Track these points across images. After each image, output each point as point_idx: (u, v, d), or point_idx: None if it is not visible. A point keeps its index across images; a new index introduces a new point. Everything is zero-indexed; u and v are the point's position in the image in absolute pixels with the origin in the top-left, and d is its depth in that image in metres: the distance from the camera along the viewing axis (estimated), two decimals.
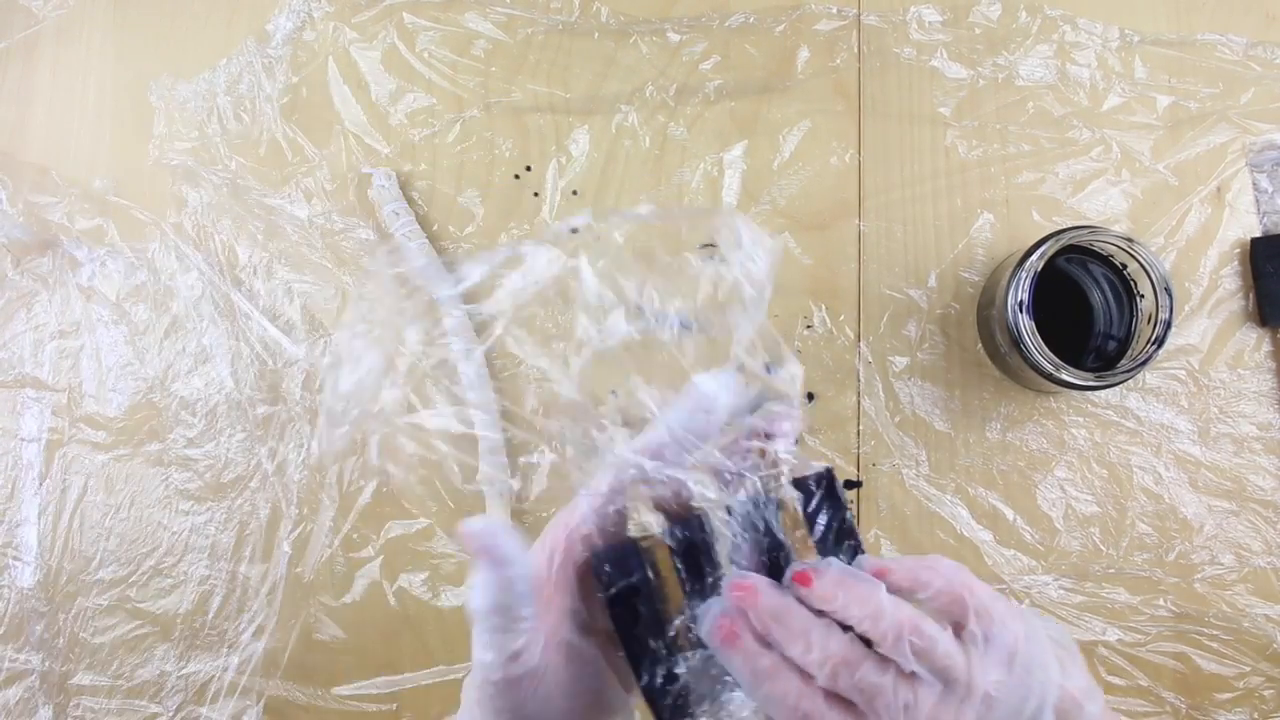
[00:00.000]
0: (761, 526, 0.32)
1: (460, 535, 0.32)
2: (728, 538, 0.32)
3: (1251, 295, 0.57)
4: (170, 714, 0.60)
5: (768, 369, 0.36)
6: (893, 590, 0.31)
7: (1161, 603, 0.55)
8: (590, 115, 0.62)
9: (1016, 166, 0.59)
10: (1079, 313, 0.55)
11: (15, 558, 0.62)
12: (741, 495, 0.32)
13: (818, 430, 0.58)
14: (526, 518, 0.58)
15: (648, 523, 0.33)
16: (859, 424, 0.58)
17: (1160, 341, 0.49)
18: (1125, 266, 0.52)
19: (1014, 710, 0.31)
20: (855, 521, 0.34)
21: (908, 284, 0.58)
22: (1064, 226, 0.50)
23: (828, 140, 0.60)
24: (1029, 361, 0.50)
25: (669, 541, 0.32)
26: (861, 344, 0.58)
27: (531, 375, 0.59)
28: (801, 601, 0.31)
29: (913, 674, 0.30)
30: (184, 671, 0.60)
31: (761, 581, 0.32)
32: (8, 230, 0.64)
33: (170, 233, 0.63)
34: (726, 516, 0.32)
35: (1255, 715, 0.54)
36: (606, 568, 0.32)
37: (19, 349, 0.64)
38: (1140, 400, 0.57)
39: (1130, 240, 0.49)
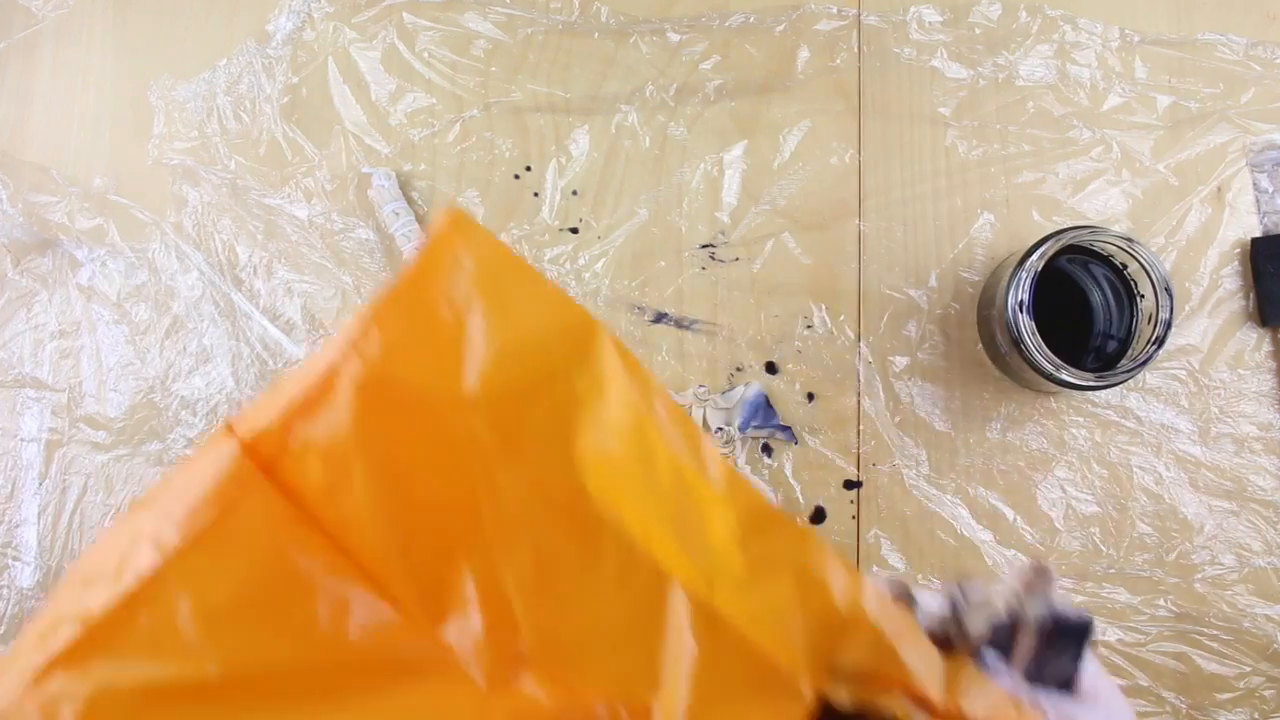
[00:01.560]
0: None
1: None
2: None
3: (1252, 295, 0.57)
4: None
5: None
6: None
7: (1162, 603, 0.55)
8: (590, 115, 0.62)
9: (1017, 166, 0.59)
10: (1079, 313, 0.55)
11: (15, 558, 0.62)
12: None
13: (818, 430, 0.58)
14: None
15: None
16: (859, 424, 0.58)
17: (1160, 341, 0.49)
18: (1125, 266, 0.52)
19: None
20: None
21: (908, 284, 0.58)
22: (1064, 226, 0.50)
23: (828, 140, 0.60)
24: (1029, 361, 0.50)
25: None
26: (861, 344, 0.58)
27: None
28: None
29: None
30: None
31: None
32: (8, 230, 0.64)
33: (170, 232, 0.63)
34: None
35: (1256, 715, 0.54)
36: None
37: (19, 349, 0.64)
38: (1140, 400, 0.57)
39: (1130, 240, 0.49)
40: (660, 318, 0.59)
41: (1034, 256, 0.50)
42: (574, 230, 0.61)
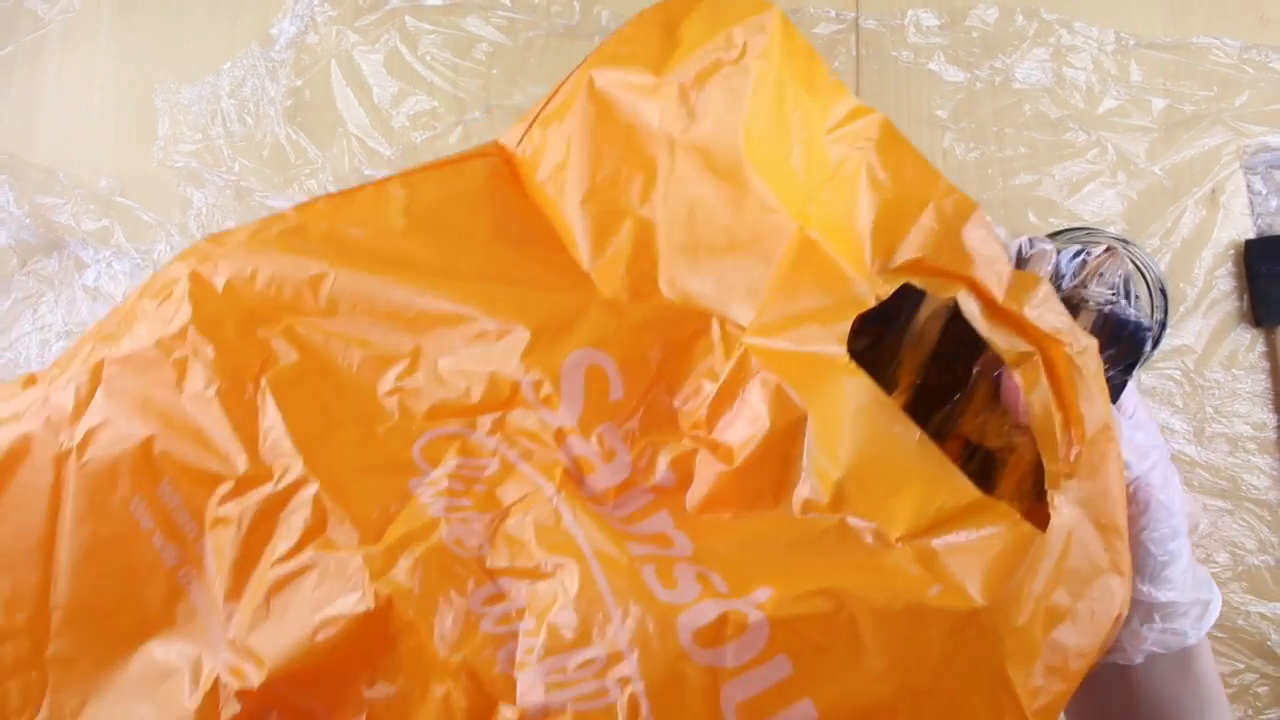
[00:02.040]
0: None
1: None
2: None
3: (1246, 296, 0.57)
4: None
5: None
6: None
7: None
8: None
9: (1013, 168, 0.59)
10: None
11: None
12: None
13: None
14: None
15: None
16: None
17: (1156, 342, 0.50)
18: None
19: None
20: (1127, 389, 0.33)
21: None
22: (1060, 228, 0.51)
23: None
24: None
25: None
26: None
27: None
28: None
29: None
30: None
31: None
32: (15, 232, 0.65)
33: (176, 234, 0.64)
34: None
35: (1249, 712, 0.55)
36: None
37: (25, 350, 0.65)
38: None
39: (1126, 242, 0.50)
40: None
41: None
42: None
